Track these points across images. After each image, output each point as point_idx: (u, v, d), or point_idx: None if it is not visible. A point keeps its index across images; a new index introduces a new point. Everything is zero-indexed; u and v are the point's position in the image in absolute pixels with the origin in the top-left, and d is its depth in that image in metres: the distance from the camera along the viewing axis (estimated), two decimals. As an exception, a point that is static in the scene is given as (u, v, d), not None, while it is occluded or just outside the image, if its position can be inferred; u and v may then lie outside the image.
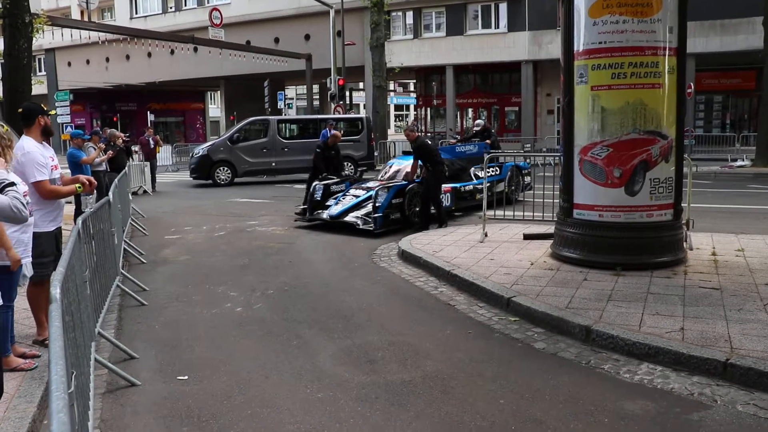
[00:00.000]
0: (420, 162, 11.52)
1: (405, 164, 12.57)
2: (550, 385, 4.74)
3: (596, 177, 7.60)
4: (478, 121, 19.97)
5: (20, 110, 5.80)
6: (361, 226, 11.04)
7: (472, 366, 5.15)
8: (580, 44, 7.65)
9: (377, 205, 11.00)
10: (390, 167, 13.50)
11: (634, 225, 7.49)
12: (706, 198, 13.57)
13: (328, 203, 12.10)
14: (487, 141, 16.85)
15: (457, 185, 12.96)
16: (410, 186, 11.53)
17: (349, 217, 11.42)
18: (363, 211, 11.36)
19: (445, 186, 12.03)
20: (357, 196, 11.92)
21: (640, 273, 7.20)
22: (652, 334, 5.31)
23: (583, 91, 7.66)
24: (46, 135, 5.66)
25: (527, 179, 14.18)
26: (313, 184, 12.60)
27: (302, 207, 12.98)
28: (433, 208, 11.34)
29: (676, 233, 7.76)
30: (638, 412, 4.27)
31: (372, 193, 11.39)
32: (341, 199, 12.05)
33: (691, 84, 25.63)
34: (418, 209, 11.55)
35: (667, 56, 7.38)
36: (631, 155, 7.43)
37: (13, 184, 3.50)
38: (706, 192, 14.99)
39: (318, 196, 12.26)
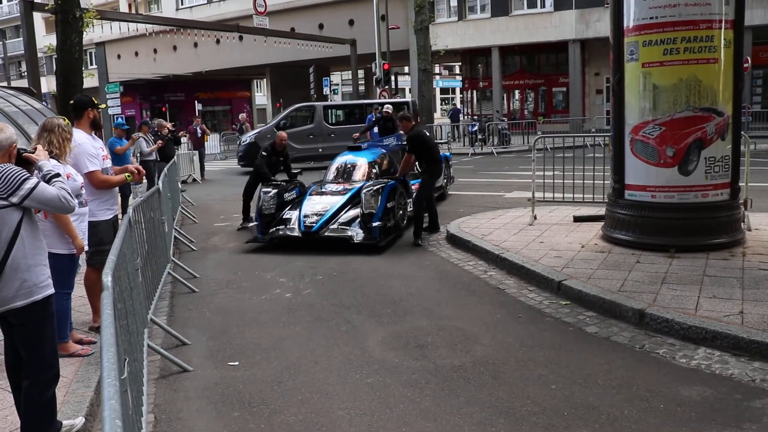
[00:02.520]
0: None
1: (360, 161, 10.66)
2: (602, 370, 4.64)
3: (648, 157, 7.40)
4: (386, 107, 17.27)
5: (71, 102, 5.92)
6: (357, 240, 8.79)
7: (522, 351, 5.08)
8: (630, 20, 7.43)
9: (369, 211, 8.93)
10: (342, 166, 10.80)
11: (688, 205, 7.27)
12: (765, 177, 13.08)
13: (286, 216, 9.51)
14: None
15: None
16: (395, 186, 9.70)
17: (338, 231, 9.02)
18: (347, 221, 9.15)
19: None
20: (328, 204, 9.40)
21: (695, 255, 7.00)
22: (709, 318, 5.15)
23: (634, 69, 7.45)
24: (95, 128, 5.78)
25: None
26: (259, 191, 9.95)
27: (243, 225, 10.80)
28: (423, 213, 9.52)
29: (733, 213, 7.50)
30: (695, 398, 4.15)
31: (348, 196, 9.48)
32: (305, 208, 9.35)
33: (748, 58, 24.70)
34: (409, 213, 9.96)
35: (723, 29, 7.10)
36: (684, 133, 7.20)
37: (58, 175, 3.58)
38: (766, 170, 14.47)
39: (271, 207, 9.49)
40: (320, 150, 21.81)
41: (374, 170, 10.62)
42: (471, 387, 4.45)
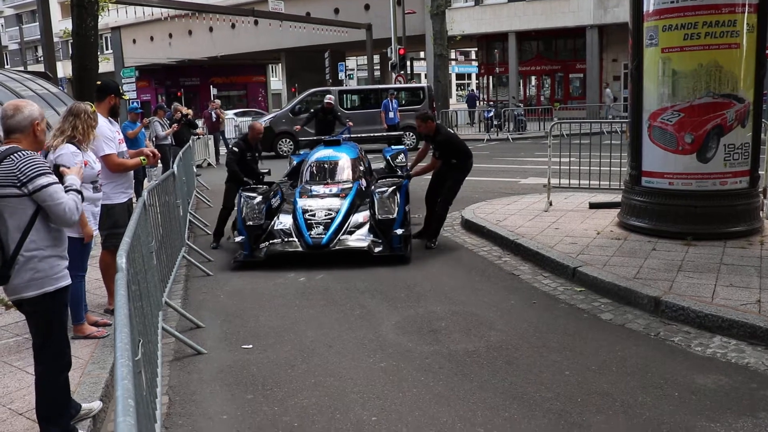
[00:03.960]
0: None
1: (342, 157, 9.21)
2: (617, 357, 4.62)
3: (666, 143, 7.31)
4: (328, 98, 14.92)
5: (99, 83, 5.98)
6: (378, 252, 7.40)
7: (536, 337, 5.06)
8: (650, 4, 7.32)
9: (387, 217, 7.57)
10: (323, 163, 9.17)
11: (706, 193, 7.19)
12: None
13: (279, 226, 7.79)
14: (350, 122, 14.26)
15: None
16: (408, 185, 8.44)
17: (352, 241, 7.55)
18: (361, 230, 7.69)
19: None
20: (331, 210, 7.82)
21: (712, 243, 6.93)
22: (725, 306, 5.10)
23: (653, 54, 7.35)
24: (113, 115, 5.81)
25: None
26: (239, 197, 8.06)
27: (215, 244, 8.70)
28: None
29: (752, 201, 7.41)
30: (710, 386, 4.12)
31: (350, 199, 8.05)
32: (302, 216, 7.74)
33: (769, 45, 24.38)
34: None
35: (746, 13, 6.98)
36: (704, 120, 7.11)
37: (79, 192, 3.56)
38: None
39: (259, 216, 7.74)
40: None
41: (360, 168, 9.26)
42: (484, 372, 4.44)
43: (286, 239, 7.65)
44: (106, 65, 27.95)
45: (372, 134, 16.77)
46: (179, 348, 5.11)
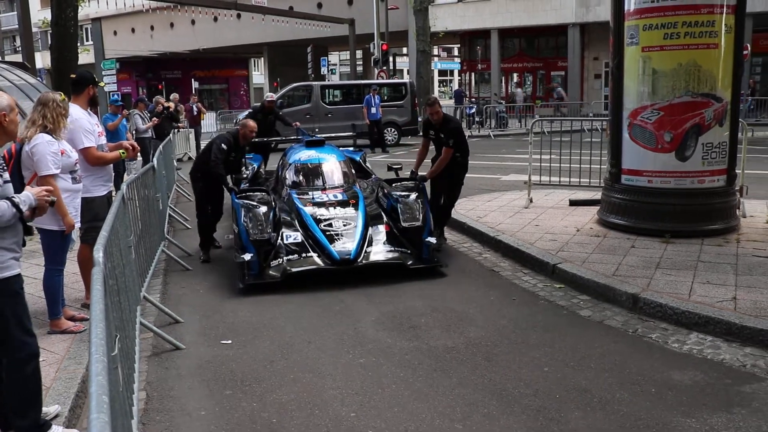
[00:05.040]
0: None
1: (330, 159, 8.41)
2: (595, 354, 4.65)
3: (646, 141, 7.37)
4: (268, 95, 13.33)
5: (72, 75, 5.89)
6: (411, 264, 6.64)
7: (516, 333, 5.08)
8: (631, 3, 7.37)
9: (413, 225, 6.96)
10: (311, 166, 8.30)
11: (684, 191, 7.26)
12: (761, 164, 13.11)
13: (290, 240, 6.74)
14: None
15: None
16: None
17: (379, 254, 6.74)
18: (380, 240, 6.92)
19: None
20: (348, 218, 6.99)
21: (690, 240, 7.00)
22: (702, 303, 5.16)
23: (634, 53, 7.41)
24: (93, 105, 5.75)
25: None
26: (242, 209, 6.82)
27: (205, 257, 7.67)
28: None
29: (729, 200, 7.50)
30: (687, 382, 4.16)
31: (362, 207, 7.19)
32: (318, 227, 6.79)
33: (748, 45, 24.60)
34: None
35: (724, 14, 7.05)
36: (682, 119, 7.17)
37: (18, 207, 3.41)
38: (762, 158, 14.47)
39: (266, 230, 6.66)
40: (317, 130, 21.65)
41: (352, 171, 8.65)
42: (464, 368, 4.46)
43: (304, 255, 6.59)
44: (86, 57, 27.64)
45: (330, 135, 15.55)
46: (157, 343, 5.07)
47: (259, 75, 59.16)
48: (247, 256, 6.42)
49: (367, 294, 6.11)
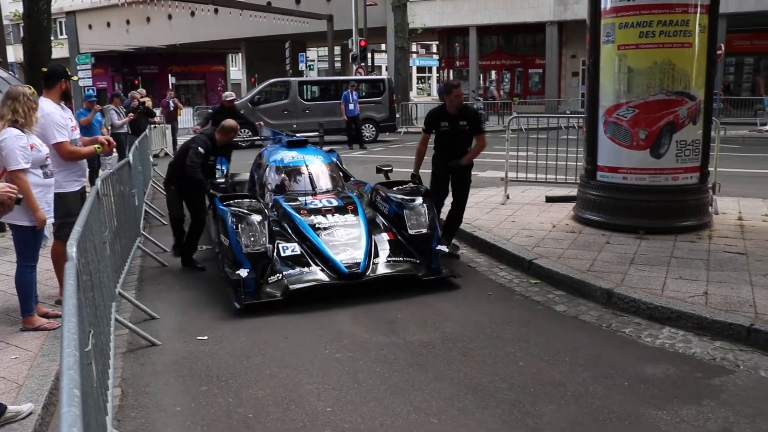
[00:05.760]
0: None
1: (315, 161, 7.90)
2: (570, 348, 4.70)
3: (621, 139, 7.45)
4: (228, 95, 12.47)
5: (44, 69, 5.80)
6: (423, 276, 6.09)
7: (492, 328, 5.12)
8: (607, 2, 7.45)
9: (420, 232, 6.40)
10: (298, 169, 7.74)
11: (658, 188, 7.35)
12: (733, 162, 13.29)
13: (287, 252, 6.09)
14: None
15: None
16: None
17: (387, 266, 6.13)
18: (384, 250, 6.33)
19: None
20: (349, 226, 6.42)
21: (663, 237, 7.10)
22: (674, 299, 5.24)
23: (610, 51, 7.48)
24: (65, 99, 5.67)
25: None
26: (231, 218, 6.04)
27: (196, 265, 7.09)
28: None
29: (702, 197, 7.61)
30: (659, 375, 4.23)
31: (362, 214, 6.65)
32: (320, 238, 6.19)
33: (722, 45, 24.92)
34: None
35: (698, 14, 7.15)
36: (657, 117, 7.26)
37: None
38: (734, 156, 14.68)
39: (262, 243, 5.93)
40: (294, 126, 21.65)
41: (340, 173, 8.23)
42: (440, 363, 4.48)
43: (307, 269, 5.95)
44: (60, 51, 27.33)
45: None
46: (133, 339, 5.04)
47: (236, 71, 58.79)
48: (243, 273, 5.62)
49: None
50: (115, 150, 12.58)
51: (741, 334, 4.66)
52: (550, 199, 9.44)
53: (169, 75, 43.03)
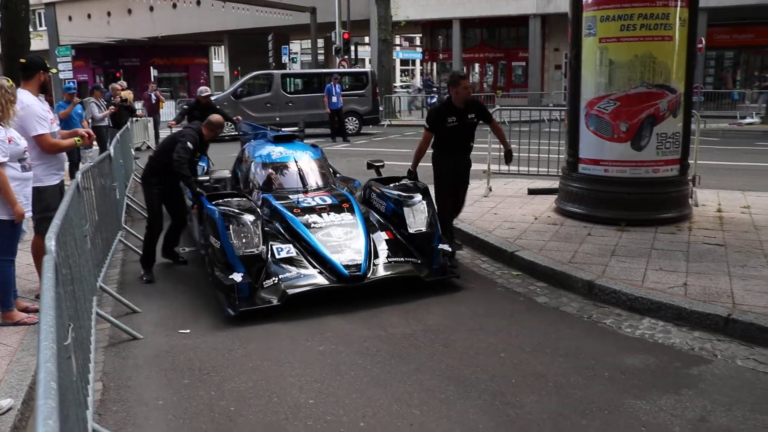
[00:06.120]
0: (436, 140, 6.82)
1: (304, 157, 7.54)
2: (551, 339, 4.74)
3: (602, 131, 7.50)
4: (202, 90, 12.11)
5: (22, 61, 5.73)
6: (426, 276, 5.84)
7: (473, 320, 5.15)
8: (589, -5, 7.47)
9: (419, 231, 6.13)
10: (287, 165, 7.39)
11: (639, 180, 7.41)
12: (713, 155, 13.43)
13: (282, 255, 5.74)
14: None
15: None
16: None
17: (388, 267, 5.81)
18: (382, 250, 6.01)
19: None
20: (346, 225, 6.10)
21: (644, 228, 7.16)
22: (654, 290, 5.29)
23: (591, 44, 7.52)
24: (43, 91, 5.61)
25: None
26: (220, 219, 5.61)
27: (147, 277, 6.44)
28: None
29: (682, 189, 7.68)
30: (638, 366, 4.27)
31: (358, 213, 6.33)
32: (316, 238, 5.85)
33: (702, 39, 25.12)
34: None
35: (678, 8, 7.19)
36: (638, 109, 7.31)
37: None
38: (714, 149, 14.84)
39: (255, 243, 5.58)
40: (277, 119, 21.57)
41: (330, 170, 7.89)
42: (422, 355, 4.50)
43: (303, 272, 5.61)
44: (39, 42, 27.00)
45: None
46: (114, 333, 5.01)
47: (219, 63, 58.40)
48: (237, 277, 5.26)
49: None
50: (96, 143, 12.51)
51: (719, 325, 4.72)
52: (532, 192, 9.49)
53: (151, 68, 42.64)
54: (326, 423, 3.63)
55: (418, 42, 52.20)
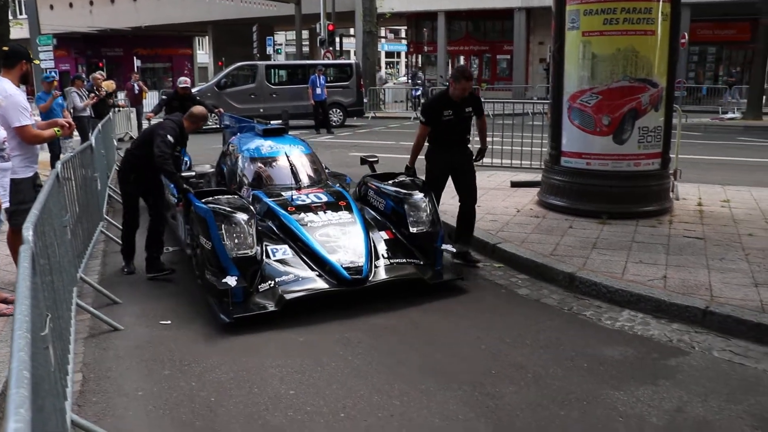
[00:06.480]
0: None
1: (295, 151, 7.17)
2: (531, 331, 4.77)
3: (585, 125, 7.54)
4: (182, 81, 11.50)
5: (5, 49, 5.64)
6: (430, 278, 5.57)
7: (455, 311, 5.17)
8: (572, -12, 7.50)
9: (422, 230, 5.85)
10: (277, 160, 7.04)
11: (621, 173, 7.46)
12: (695, 149, 13.54)
13: (278, 256, 5.43)
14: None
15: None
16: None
17: (389, 269, 5.51)
18: (381, 250, 5.69)
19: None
20: (344, 224, 5.79)
21: (625, 221, 7.21)
22: (634, 282, 5.34)
23: (574, 38, 7.54)
24: (24, 82, 5.53)
25: None
26: (210, 217, 5.25)
27: (128, 269, 6.35)
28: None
29: (663, 183, 7.75)
30: (617, 357, 4.31)
31: (356, 211, 6.06)
32: (314, 238, 5.53)
33: (685, 34, 25.29)
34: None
35: (661, 2, 7.24)
36: (620, 103, 7.36)
37: None
38: (696, 143, 14.96)
39: (249, 243, 5.24)
40: (261, 110, 21.46)
41: (323, 165, 7.53)
42: (402, 346, 4.52)
43: (301, 275, 5.26)
44: (20, 31, 26.68)
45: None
46: (95, 324, 4.98)
47: (203, 54, 58.03)
48: (231, 281, 4.94)
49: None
50: (77, 134, 12.40)
51: (697, 317, 4.78)
52: (515, 184, 9.53)
53: (135, 58, 42.28)
54: (306, 414, 3.63)
55: (403, 34, 52.14)
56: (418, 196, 6.07)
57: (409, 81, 34.58)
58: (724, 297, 4.94)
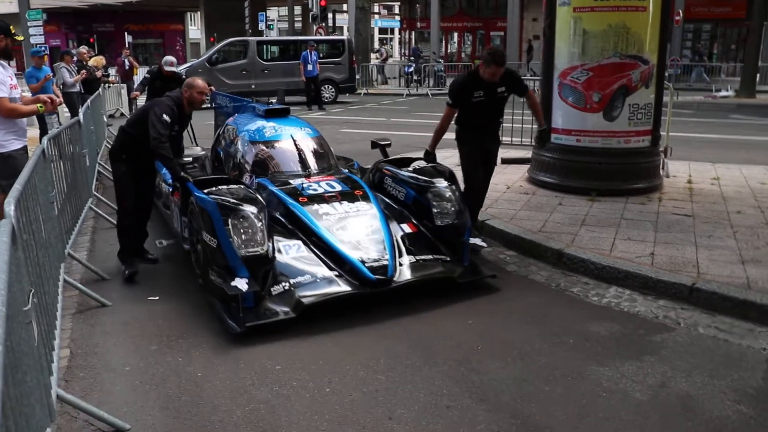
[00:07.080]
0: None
1: (300, 134, 6.48)
2: (519, 307, 4.79)
3: (575, 101, 7.52)
4: (168, 61, 10.57)
5: None
6: (459, 276, 5.09)
7: (442, 287, 5.16)
8: (563, -37, 7.43)
9: (448, 222, 5.34)
10: (284, 144, 6.35)
11: (611, 150, 7.45)
12: (687, 127, 13.53)
13: (292, 254, 4.91)
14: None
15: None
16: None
17: (416, 268, 4.99)
18: (408, 245, 5.21)
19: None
20: (362, 215, 5.27)
21: (614, 198, 7.22)
22: (622, 259, 5.35)
23: (565, 13, 7.49)
24: (6, 57, 5.45)
25: None
26: (214, 211, 4.68)
27: (130, 270, 5.52)
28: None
29: (653, 160, 7.75)
30: (603, 333, 4.34)
31: (374, 202, 5.49)
32: (332, 235, 4.98)
33: (680, 11, 25.18)
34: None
35: (652, -22, 7.19)
36: (611, 80, 7.33)
37: None
38: (688, 121, 14.94)
39: (261, 239, 4.64)
40: (253, 86, 21.31)
41: (331, 150, 6.77)
42: (389, 322, 4.53)
43: (319, 275, 4.73)
44: (8, 6, 26.35)
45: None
46: (83, 300, 4.98)
47: (195, 30, 57.43)
48: (242, 284, 4.37)
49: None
50: (67, 109, 12.30)
51: (683, 293, 4.80)
52: (505, 161, 9.51)
53: (126, 33, 41.80)
54: (292, 388, 3.65)
55: (396, 10, 51.72)
56: (443, 184, 5.53)
57: (411, 57, 34.33)
58: (711, 274, 4.97)
